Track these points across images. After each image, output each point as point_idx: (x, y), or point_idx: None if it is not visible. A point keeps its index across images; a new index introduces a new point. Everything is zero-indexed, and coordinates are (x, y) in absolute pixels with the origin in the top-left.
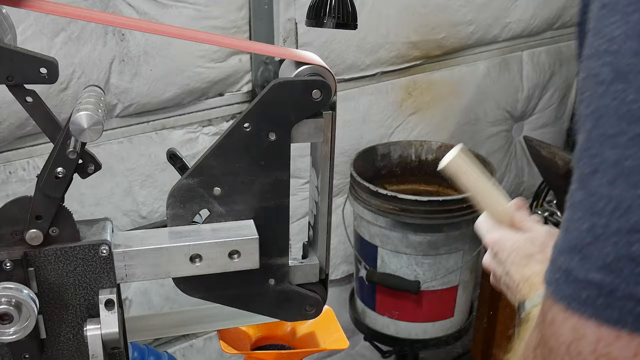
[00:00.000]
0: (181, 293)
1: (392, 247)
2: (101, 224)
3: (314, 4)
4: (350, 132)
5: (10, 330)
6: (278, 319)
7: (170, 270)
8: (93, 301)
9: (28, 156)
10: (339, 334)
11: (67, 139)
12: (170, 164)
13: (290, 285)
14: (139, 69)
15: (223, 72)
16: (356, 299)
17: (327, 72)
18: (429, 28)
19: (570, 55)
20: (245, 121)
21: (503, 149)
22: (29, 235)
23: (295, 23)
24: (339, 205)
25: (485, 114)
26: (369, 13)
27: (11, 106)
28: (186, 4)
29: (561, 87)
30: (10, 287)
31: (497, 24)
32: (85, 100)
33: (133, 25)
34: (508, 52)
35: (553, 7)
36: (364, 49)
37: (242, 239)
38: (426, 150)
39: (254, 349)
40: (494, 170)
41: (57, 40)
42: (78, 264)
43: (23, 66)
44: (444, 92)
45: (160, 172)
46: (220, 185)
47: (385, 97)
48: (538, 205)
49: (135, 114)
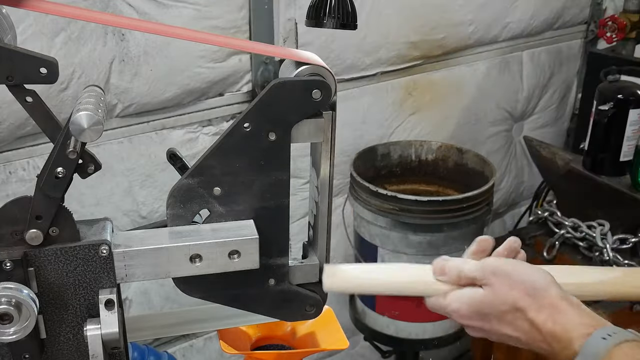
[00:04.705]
0: (181, 293)
1: (392, 247)
2: (101, 224)
3: (314, 4)
4: (350, 132)
5: (10, 330)
6: (278, 319)
7: (170, 270)
8: (93, 301)
9: (28, 156)
10: (339, 334)
11: (67, 139)
12: (170, 164)
13: (290, 285)
14: (139, 69)
15: (223, 72)
16: (356, 299)
17: (327, 72)
18: (429, 28)
19: (570, 55)
20: (245, 121)
21: (503, 149)
22: (29, 235)
23: (295, 23)
24: (339, 205)
25: (485, 114)
26: (369, 13)
27: (11, 106)
28: (186, 4)
29: (561, 87)
30: (10, 287)
31: (497, 24)
32: (85, 100)
33: (133, 25)
34: (508, 52)
35: (553, 7)
36: (364, 49)
37: (242, 239)
38: (426, 150)
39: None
40: (494, 170)
41: (57, 40)
42: (78, 264)
43: (23, 66)
44: (444, 92)
45: (160, 172)
46: (220, 185)
47: (385, 97)
48: (538, 205)
49: (135, 114)
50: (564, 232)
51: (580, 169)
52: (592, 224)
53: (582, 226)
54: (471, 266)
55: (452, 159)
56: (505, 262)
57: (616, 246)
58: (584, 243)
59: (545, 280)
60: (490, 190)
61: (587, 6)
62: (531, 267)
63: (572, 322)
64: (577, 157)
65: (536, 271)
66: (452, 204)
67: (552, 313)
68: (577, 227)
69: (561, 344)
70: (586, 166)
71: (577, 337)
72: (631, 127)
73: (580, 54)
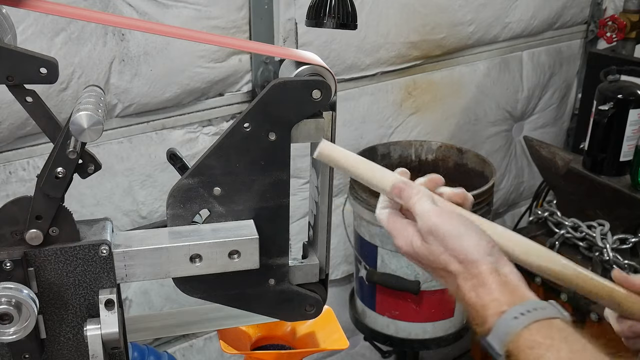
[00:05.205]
0: (181, 293)
1: (392, 247)
2: (101, 224)
3: (314, 4)
4: (350, 132)
5: (10, 330)
6: (278, 319)
7: (170, 270)
8: (93, 301)
9: (28, 156)
10: (339, 334)
11: (67, 139)
12: (170, 164)
13: (290, 285)
14: (139, 69)
15: (223, 72)
16: (356, 299)
17: (327, 72)
18: (429, 28)
19: (570, 55)
20: (245, 121)
21: (503, 149)
22: (29, 235)
23: (295, 23)
24: (339, 205)
25: (485, 114)
26: (369, 13)
27: (11, 106)
28: (186, 4)
29: (561, 87)
30: (10, 287)
31: (497, 24)
32: (85, 100)
33: (133, 25)
34: (508, 52)
35: (553, 7)
36: (364, 49)
37: (242, 239)
38: (426, 150)
39: (254, 349)
40: (494, 170)
41: (57, 40)
42: (78, 264)
43: (23, 66)
44: (444, 92)
45: (160, 172)
46: (220, 185)
47: (385, 97)
48: (538, 205)
49: (135, 114)
50: (564, 232)
51: (580, 169)
52: (592, 224)
53: (582, 226)
54: (419, 211)
55: (452, 159)
56: (448, 220)
57: (616, 246)
58: (584, 243)
59: (479, 250)
60: (490, 190)
61: (587, 6)
62: (472, 231)
63: (490, 298)
64: (577, 157)
65: (475, 238)
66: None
67: (476, 285)
68: (577, 227)
69: (477, 319)
70: (586, 166)
71: (491, 314)
72: (631, 127)
73: (580, 54)
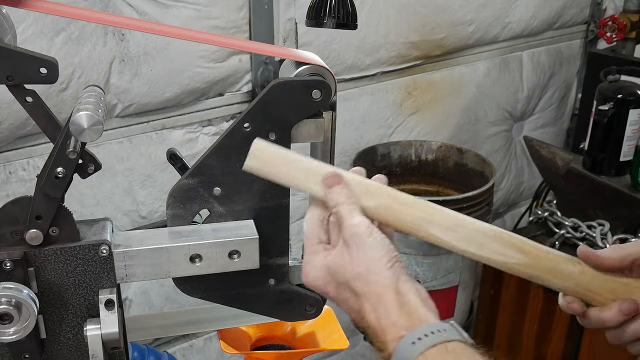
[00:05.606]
0: (181, 293)
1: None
2: (101, 224)
3: (314, 4)
4: (350, 132)
5: (10, 330)
6: (278, 319)
7: (170, 270)
8: (93, 301)
9: (28, 156)
10: (339, 334)
11: (67, 139)
12: (170, 164)
13: (290, 285)
14: (139, 69)
15: (223, 72)
16: None
17: (327, 72)
18: (429, 28)
19: (570, 55)
20: (245, 121)
21: (503, 149)
22: (29, 235)
23: (295, 23)
24: None
25: (485, 114)
26: (369, 13)
27: (11, 106)
28: (186, 4)
29: (561, 87)
30: (10, 287)
31: (497, 24)
32: (85, 100)
33: (133, 25)
34: (508, 52)
35: (553, 7)
36: (364, 49)
37: (242, 239)
38: (426, 150)
39: (254, 349)
40: (494, 170)
41: (57, 40)
42: (78, 264)
43: (23, 66)
44: (444, 92)
45: (160, 172)
46: (220, 185)
47: (385, 97)
48: (538, 205)
49: (135, 114)
50: (564, 232)
51: (580, 169)
52: (592, 224)
53: (582, 226)
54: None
55: (452, 159)
56: (366, 228)
57: None
58: (584, 243)
59: (381, 263)
60: (490, 190)
61: (587, 6)
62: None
63: (388, 321)
64: (577, 157)
65: (379, 250)
66: (452, 204)
67: (375, 305)
68: (577, 227)
69: (378, 344)
70: (586, 166)
71: (390, 340)
72: (631, 127)
73: (580, 54)
